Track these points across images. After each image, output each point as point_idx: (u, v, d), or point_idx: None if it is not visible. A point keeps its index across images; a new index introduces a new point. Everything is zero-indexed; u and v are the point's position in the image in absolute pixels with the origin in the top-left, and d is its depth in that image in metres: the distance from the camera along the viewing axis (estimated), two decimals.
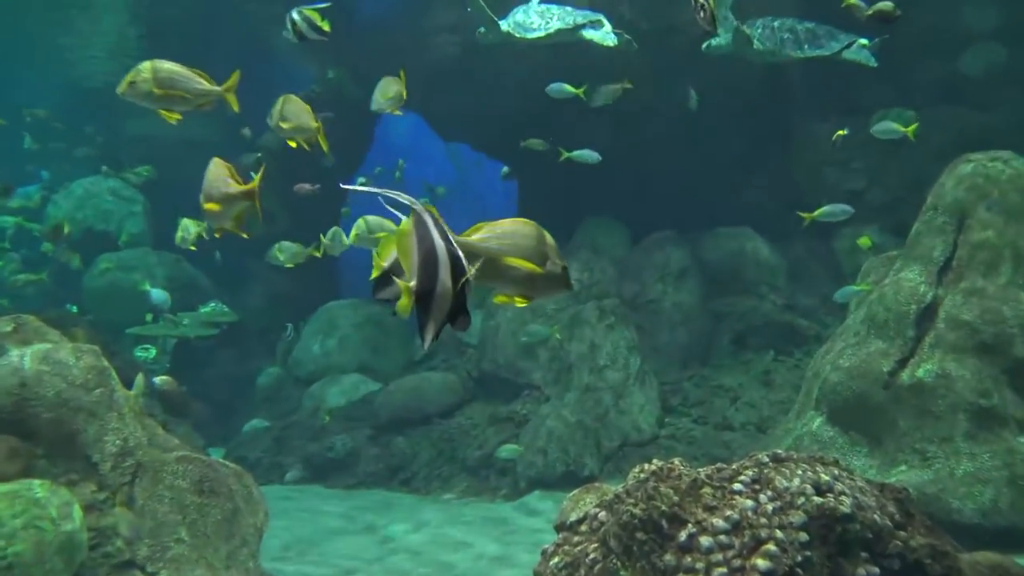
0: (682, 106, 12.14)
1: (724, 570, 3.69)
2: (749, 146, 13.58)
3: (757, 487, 4.03)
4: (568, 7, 11.38)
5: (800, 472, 4.06)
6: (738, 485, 4.03)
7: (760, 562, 3.68)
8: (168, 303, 14.19)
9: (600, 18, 11.26)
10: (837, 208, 9.91)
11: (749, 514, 3.87)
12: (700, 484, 4.07)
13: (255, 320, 16.75)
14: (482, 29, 11.52)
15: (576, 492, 5.11)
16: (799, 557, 3.73)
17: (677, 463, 4.37)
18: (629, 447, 11.32)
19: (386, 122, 18.29)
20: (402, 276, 2.79)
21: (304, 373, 15.32)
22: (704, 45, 11.33)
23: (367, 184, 15.59)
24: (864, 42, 10.91)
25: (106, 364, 6.32)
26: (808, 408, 8.60)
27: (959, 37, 12.83)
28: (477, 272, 2.95)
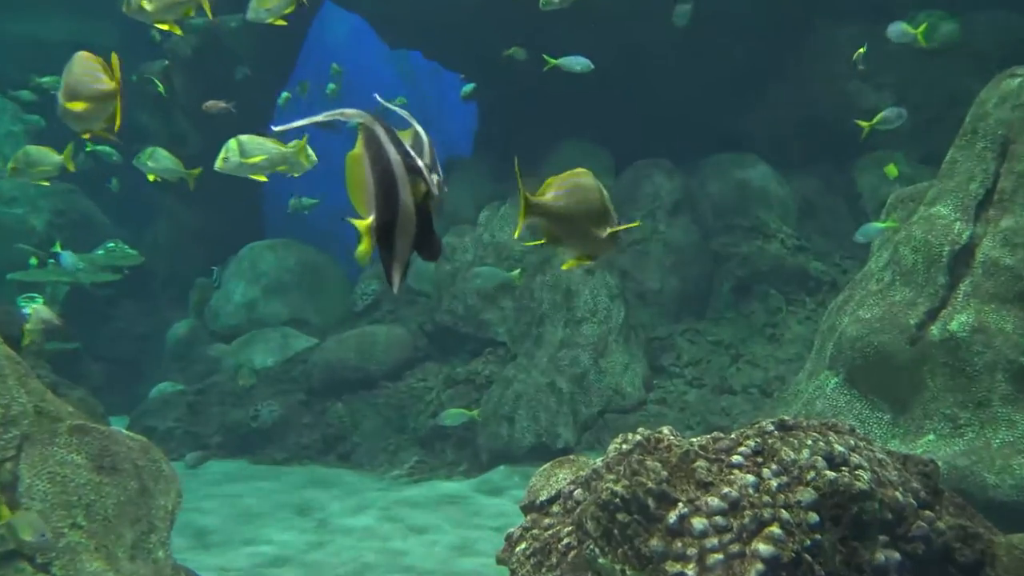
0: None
1: (720, 556, 3.74)
2: (756, 56, 13.52)
3: (760, 460, 4.07)
4: None
5: (810, 442, 4.11)
6: (737, 458, 4.08)
7: (762, 547, 3.72)
8: (80, 268, 13.85)
9: None
10: (892, 112, 9.92)
11: (750, 492, 3.92)
12: (693, 457, 4.11)
13: (163, 264, 16.58)
14: None
15: (547, 467, 5.16)
16: (807, 541, 3.79)
17: (666, 432, 4.41)
18: (611, 414, 11.41)
19: (321, 24, 18.02)
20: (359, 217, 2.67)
21: (223, 327, 15.25)
22: None
23: (289, 98, 15.39)
24: None
25: None
26: (822, 367, 8.68)
27: None
28: (549, 235, 3.17)
